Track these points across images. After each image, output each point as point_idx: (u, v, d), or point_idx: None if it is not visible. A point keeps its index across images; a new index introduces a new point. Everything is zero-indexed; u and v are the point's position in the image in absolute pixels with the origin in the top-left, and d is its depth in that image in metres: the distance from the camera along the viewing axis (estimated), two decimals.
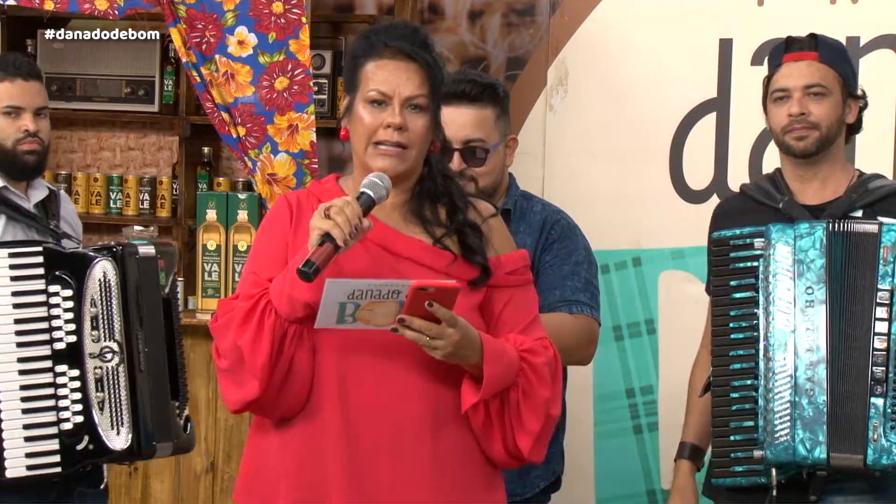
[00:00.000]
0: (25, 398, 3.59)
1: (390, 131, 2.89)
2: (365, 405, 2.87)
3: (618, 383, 4.94)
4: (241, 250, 5.18)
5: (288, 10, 4.61)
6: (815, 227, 3.42)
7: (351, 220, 2.78)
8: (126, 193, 5.67)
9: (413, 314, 2.77)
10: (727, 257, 3.48)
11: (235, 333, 2.87)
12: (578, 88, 5.05)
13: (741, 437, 3.42)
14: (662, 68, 4.90)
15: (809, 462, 3.36)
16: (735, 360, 3.45)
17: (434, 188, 2.99)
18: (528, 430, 2.90)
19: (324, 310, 2.77)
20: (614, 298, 4.92)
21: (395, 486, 2.87)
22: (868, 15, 4.71)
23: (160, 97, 5.62)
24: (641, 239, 4.93)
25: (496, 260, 2.97)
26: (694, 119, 4.85)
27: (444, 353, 2.81)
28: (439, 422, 2.89)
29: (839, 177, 3.59)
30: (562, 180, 5.06)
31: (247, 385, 2.87)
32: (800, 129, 3.53)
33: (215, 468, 4.99)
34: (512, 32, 5.26)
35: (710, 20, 4.84)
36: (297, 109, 4.65)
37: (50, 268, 3.61)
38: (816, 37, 3.59)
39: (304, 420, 2.90)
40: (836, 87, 3.57)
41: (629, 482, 4.91)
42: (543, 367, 2.92)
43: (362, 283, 2.75)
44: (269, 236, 3.00)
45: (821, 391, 3.36)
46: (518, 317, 2.98)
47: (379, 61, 2.92)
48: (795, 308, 3.39)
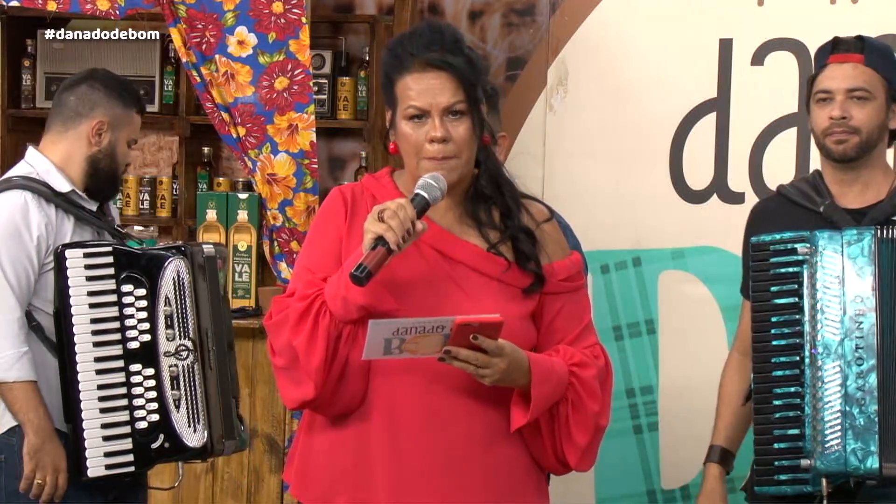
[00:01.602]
0: (103, 398, 3.66)
1: (436, 146, 2.88)
2: (415, 422, 2.87)
3: (618, 383, 4.93)
4: (242, 250, 5.18)
5: (288, 10, 4.61)
6: (864, 234, 3.37)
7: (404, 224, 2.78)
8: (126, 193, 5.66)
9: (458, 346, 2.78)
10: (767, 262, 3.42)
11: (290, 333, 2.87)
12: (578, 88, 5.04)
13: (786, 445, 3.37)
14: (662, 68, 4.89)
15: (861, 472, 3.32)
16: (778, 367, 3.40)
17: (488, 189, 2.98)
18: (576, 444, 2.92)
19: (370, 345, 2.77)
20: (614, 298, 4.92)
21: (446, 501, 2.88)
22: (868, 15, 4.70)
23: (160, 97, 5.61)
24: (641, 239, 4.92)
25: (549, 267, 2.96)
26: (694, 119, 4.84)
27: (492, 380, 2.82)
28: (490, 441, 2.90)
29: (881, 180, 3.55)
30: (562, 180, 5.05)
31: (303, 385, 2.87)
32: (840, 132, 3.49)
33: (215, 468, 5.00)
34: (512, 32, 5.26)
35: (710, 20, 4.84)
36: (296, 109, 4.65)
37: (120, 268, 3.68)
38: (864, 39, 3.55)
39: (358, 426, 2.91)
40: (881, 91, 3.53)
41: (629, 482, 4.91)
42: (593, 380, 2.92)
43: (406, 322, 2.75)
44: (324, 232, 2.99)
45: (872, 400, 3.31)
46: (569, 326, 2.97)
47: (411, 76, 2.90)
48: (845, 316, 3.35)
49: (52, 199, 3.77)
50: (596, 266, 4.91)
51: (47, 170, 3.82)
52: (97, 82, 3.90)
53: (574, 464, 2.94)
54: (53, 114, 3.91)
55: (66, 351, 3.66)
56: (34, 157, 3.86)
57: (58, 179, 3.81)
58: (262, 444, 4.98)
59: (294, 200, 4.72)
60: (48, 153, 3.86)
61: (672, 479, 4.85)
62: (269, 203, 4.73)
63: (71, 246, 3.69)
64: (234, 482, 5.00)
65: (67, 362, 3.65)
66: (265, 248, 4.89)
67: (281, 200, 4.73)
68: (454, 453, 2.88)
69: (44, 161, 3.84)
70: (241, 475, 4.99)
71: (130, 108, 3.92)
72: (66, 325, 3.65)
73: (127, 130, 3.91)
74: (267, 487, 5.01)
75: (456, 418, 2.88)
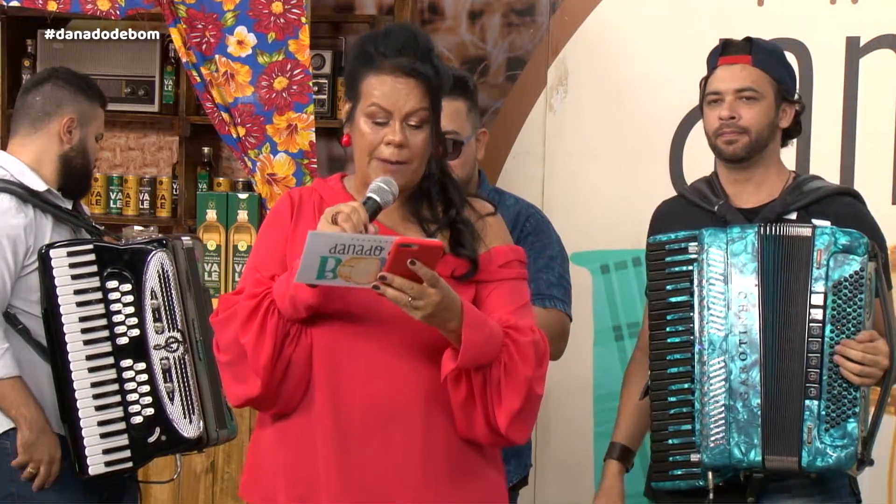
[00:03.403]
0: (97, 395, 3.66)
1: (391, 149, 2.91)
2: (355, 399, 2.89)
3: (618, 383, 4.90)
4: (242, 250, 5.18)
5: (287, 10, 4.61)
6: (747, 231, 3.43)
7: (357, 227, 2.80)
8: (126, 193, 5.66)
9: (395, 272, 2.76)
10: (663, 261, 3.49)
11: (239, 330, 2.89)
12: (578, 88, 5.05)
13: (679, 441, 3.44)
14: (662, 68, 4.90)
15: (745, 465, 3.38)
16: (672, 363, 3.45)
17: (432, 188, 3.01)
18: (508, 408, 2.89)
19: (304, 263, 2.75)
20: (614, 298, 4.92)
21: (386, 475, 2.89)
22: (868, 15, 4.70)
23: (160, 97, 5.62)
24: (641, 239, 4.90)
25: (487, 255, 2.98)
26: (694, 119, 4.84)
27: (425, 313, 2.79)
28: (430, 411, 2.90)
29: (774, 180, 3.59)
30: (562, 180, 5.06)
31: (249, 382, 2.90)
32: (730, 133, 3.53)
33: (215, 468, 5.00)
34: (512, 32, 5.26)
35: (710, 20, 4.84)
36: (296, 109, 4.65)
37: (103, 264, 3.68)
38: (752, 40, 3.59)
39: (299, 416, 2.94)
40: (769, 91, 3.56)
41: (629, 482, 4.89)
42: (528, 345, 2.91)
43: (344, 237, 2.74)
44: (271, 233, 3.03)
45: (755, 394, 3.37)
46: (505, 301, 2.97)
47: (378, 76, 2.92)
48: (729, 312, 3.40)
49: (29, 199, 3.76)
50: (596, 266, 4.91)
51: (21, 171, 3.81)
52: (60, 80, 3.90)
53: (504, 428, 2.89)
54: (19, 116, 3.90)
55: (57, 351, 3.65)
56: (5, 160, 3.85)
57: (32, 179, 3.80)
58: None
59: None
60: (19, 155, 3.85)
61: None
62: (269, 203, 4.73)
63: (54, 245, 3.69)
64: (234, 482, 5.00)
65: (60, 363, 3.65)
66: None
67: None
68: (394, 425, 2.88)
69: (16, 162, 3.83)
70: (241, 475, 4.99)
71: (95, 103, 3.92)
72: (55, 325, 3.65)
73: (94, 125, 3.91)
74: None
75: (397, 389, 2.89)
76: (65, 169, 3.85)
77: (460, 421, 2.92)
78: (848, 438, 3.34)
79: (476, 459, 2.97)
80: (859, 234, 3.39)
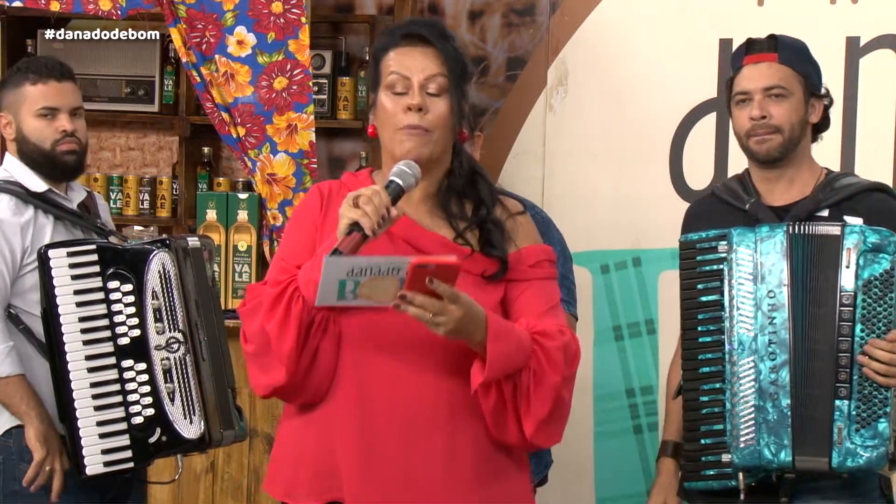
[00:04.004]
0: (97, 395, 3.65)
1: (411, 114, 2.89)
2: (381, 398, 2.88)
3: (618, 383, 4.93)
4: (242, 250, 5.18)
5: (287, 10, 4.61)
6: (776, 230, 3.41)
7: (379, 210, 2.78)
8: (126, 193, 5.66)
9: (414, 290, 2.73)
10: (694, 261, 3.47)
11: (263, 318, 2.88)
12: (578, 88, 5.04)
13: (711, 441, 3.43)
14: (662, 68, 4.89)
15: (775, 466, 3.37)
16: (704, 363, 3.44)
17: (462, 183, 2.99)
18: (535, 416, 2.88)
19: (323, 287, 2.75)
20: (614, 298, 4.92)
21: (408, 477, 2.88)
22: (868, 15, 4.70)
23: (160, 97, 5.62)
24: (641, 239, 4.92)
25: (517, 254, 2.97)
26: (694, 119, 4.84)
27: (447, 329, 2.77)
28: (454, 414, 2.89)
29: (806, 177, 3.57)
30: (562, 180, 5.05)
31: (273, 370, 2.89)
32: (763, 133, 3.51)
33: (215, 468, 5.00)
34: (512, 32, 5.26)
35: (710, 20, 4.84)
36: (296, 109, 4.65)
37: (105, 264, 3.66)
38: (776, 38, 3.57)
39: (324, 408, 2.92)
40: (798, 87, 3.54)
41: (629, 482, 4.91)
42: (556, 350, 2.89)
43: (361, 261, 2.73)
44: (299, 224, 3.02)
45: (785, 394, 3.36)
46: (535, 303, 2.96)
47: (395, 49, 2.94)
48: (759, 312, 3.39)
49: (29, 199, 3.77)
50: (596, 266, 4.91)
51: (22, 172, 3.82)
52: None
53: (529, 434, 2.89)
54: None
55: (55, 351, 3.65)
56: (8, 162, 3.87)
57: (33, 180, 3.81)
58: (262, 444, 4.98)
59: (294, 200, 4.72)
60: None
61: None
62: (269, 203, 4.73)
63: (54, 246, 3.68)
64: (234, 482, 5.00)
65: (58, 362, 3.65)
66: (265, 248, 4.89)
67: (281, 200, 4.73)
68: (418, 427, 2.87)
69: (18, 164, 3.85)
70: (241, 475, 4.99)
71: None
72: (54, 325, 3.64)
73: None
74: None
75: (423, 391, 2.88)
76: (27, 161, 3.84)
77: (492, 425, 2.91)
78: (879, 438, 3.33)
79: (502, 461, 2.96)
80: (889, 233, 3.37)
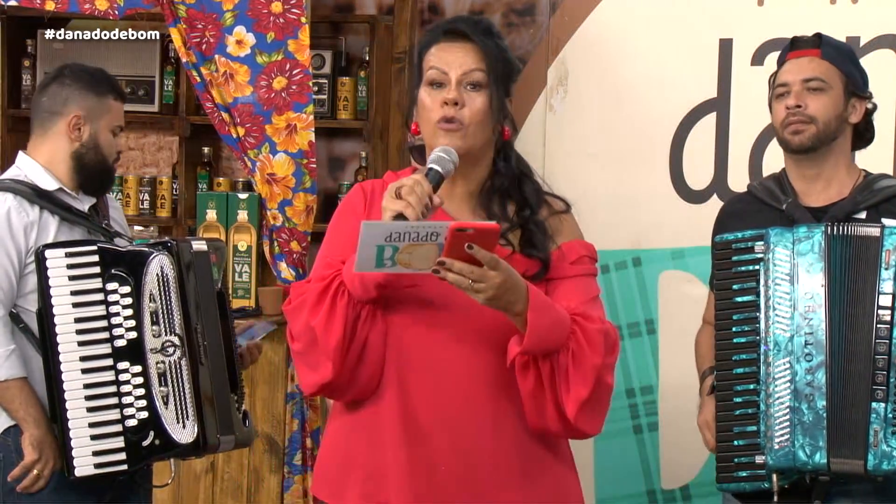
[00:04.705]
0: (90, 397, 3.64)
1: (447, 107, 2.89)
2: (425, 390, 2.87)
3: (618, 383, 4.91)
4: (242, 250, 5.18)
5: (287, 10, 4.61)
6: (814, 231, 3.39)
7: (422, 199, 2.76)
8: (126, 193, 5.66)
9: (453, 257, 2.70)
10: (729, 260, 3.46)
11: (309, 314, 2.86)
12: (578, 88, 5.04)
13: (744, 443, 3.41)
14: (662, 68, 4.89)
15: (810, 468, 3.35)
16: (738, 364, 3.43)
17: (506, 184, 2.99)
18: (576, 396, 2.85)
19: (361, 253, 2.70)
20: (614, 298, 4.92)
21: (455, 473, 2.87)
22: (868, 15, 4.70)
23: (160, 97, 5.62)
24: (641, 239, 4.92)
25: (558, 252, 2.96)
26: (694, 119, 4.84)
27: (487, 296, 2.74)
28: (498, 407, 2.88)
29: (844, 178, 3.56)
30: (562, 180, 4.99)
31: (321, 367, 2.87)
32: (796, 122, 3.50)
33: (215, 468, 5.00)
34: (512, 32, 5.25)
35: (710, 20, 4.84)
36: (295, 109, 4.65)
37: (106, 266, 3.66)
38: (822, 36, 3.58)
39: (369, 406, 2.91)
40: (837, 82, 3.54)
41: (629, 482, 4.90)
42: (597, 333, 2.87)
43: (399, 226, 2.69)
44: (343, 221, 3.01)
45: (820, 396, 3.34)
46: (573, 295, 2.93)
47: (438, 45, 2.95)
48: (795, 312, 3.37)
49: (37, 200, 3.77)
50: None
51: (35, 171, 3.83)
52: (66, 78, 3.89)
53: (573, 417, 2.85)
54: (33, 117, 3.92)
55: (49, 350, 3.64)
56: (22, 161, 3.88)
57: (45, 179, 3.81)
58: (262, 443, 4.98)
59: (293, 200, 4.72)
60: (35, 156, 3.87)
61: (672, 479, 4.84)
62: (269, 203, 4.73)
63: (52, 246, 3.68)
64: (234, 482, 5.00)
65: (51, 361, 3.64)
66: (265, 248, 4.89)
67: (280, 200, 4.73)
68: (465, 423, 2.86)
69: (31, 163, 3.85)
70: (241, 475, 4.99)
71: (105, 97, 3.90)
72: (48, 324, 3.64)
73: (107, 119, 3.89)
74: (267, 487, 5.00)
75: (468, 382, 2.87)
76: (78, 166, 3.85)
77: (530, 411, 2.88)
78: None
79: (547, 457, 2.95)
80: None
